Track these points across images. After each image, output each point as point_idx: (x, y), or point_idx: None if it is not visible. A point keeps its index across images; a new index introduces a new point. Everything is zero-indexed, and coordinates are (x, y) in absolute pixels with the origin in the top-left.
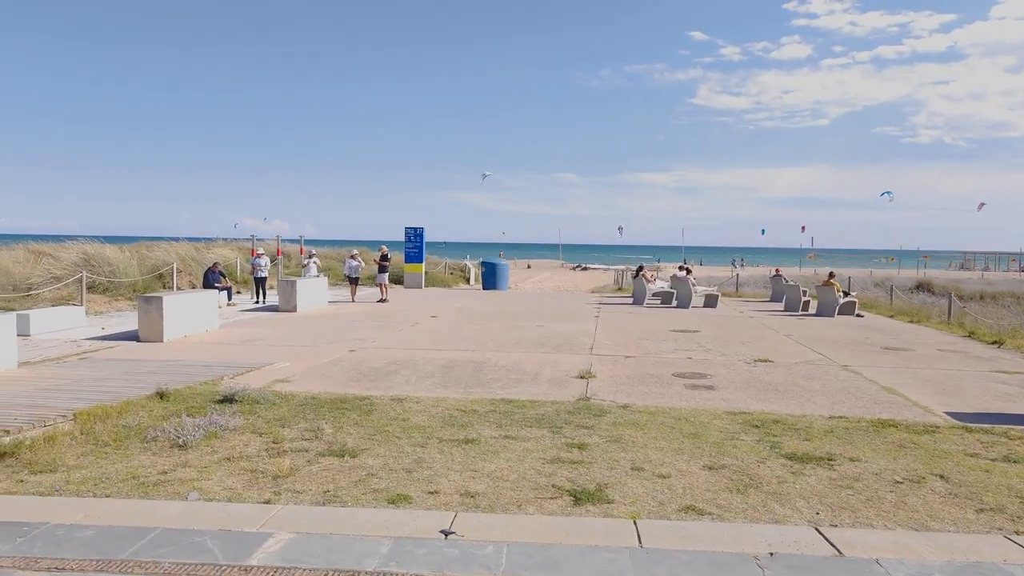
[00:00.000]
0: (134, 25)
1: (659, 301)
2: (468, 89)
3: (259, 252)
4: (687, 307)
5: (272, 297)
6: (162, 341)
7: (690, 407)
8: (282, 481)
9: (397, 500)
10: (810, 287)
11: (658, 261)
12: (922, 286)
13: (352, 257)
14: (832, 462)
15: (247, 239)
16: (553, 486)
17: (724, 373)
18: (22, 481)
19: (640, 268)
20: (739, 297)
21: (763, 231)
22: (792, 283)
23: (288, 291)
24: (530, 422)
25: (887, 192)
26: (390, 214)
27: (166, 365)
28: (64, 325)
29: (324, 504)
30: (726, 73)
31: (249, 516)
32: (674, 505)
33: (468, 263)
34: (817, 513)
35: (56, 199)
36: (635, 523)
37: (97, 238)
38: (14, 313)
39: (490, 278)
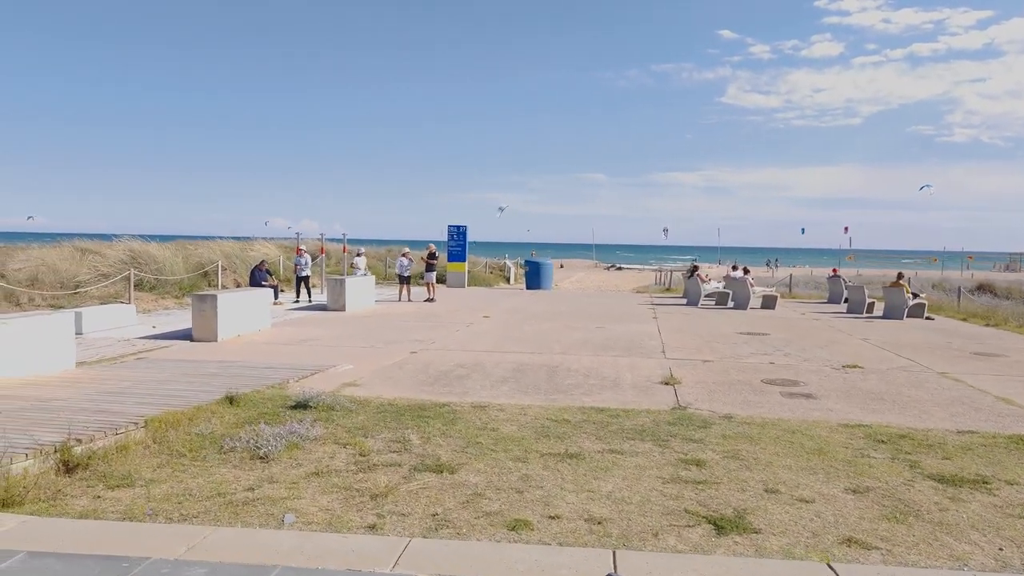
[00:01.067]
0: (171, 24)
1: (713, 302)
2: (495, 89)
3: (301, 249)
4: (745, 308)
5: (315, 296)
6: (216, 340)
7: (797, 418)
8: (382, 501)
9: (516, 526)
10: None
11: (694, 261)
12: (984, 287)
13: (403, 255)
14: (988, 485)
15: (288, 237)
16: (685, 511)
17: (817, 380)
18: (99, 497)
19: (695, 268)
20: (793, 298)
21: (803, 230)
22: (854, 284)
23: (337, 290)
24: (630, 434)
25: (927, 185)
26: (418, 214)
27: (226, 367)
28: (115, 323)
29: (435, 529)
30: (755, 72)
31: (376, 552)
32: (831, 537)
33: (508, 262)
34: (1000, 549)
35: (90, 200)
36: (830, 566)
37: (139, 237)
38: (72, 311)
39: (534, 278)
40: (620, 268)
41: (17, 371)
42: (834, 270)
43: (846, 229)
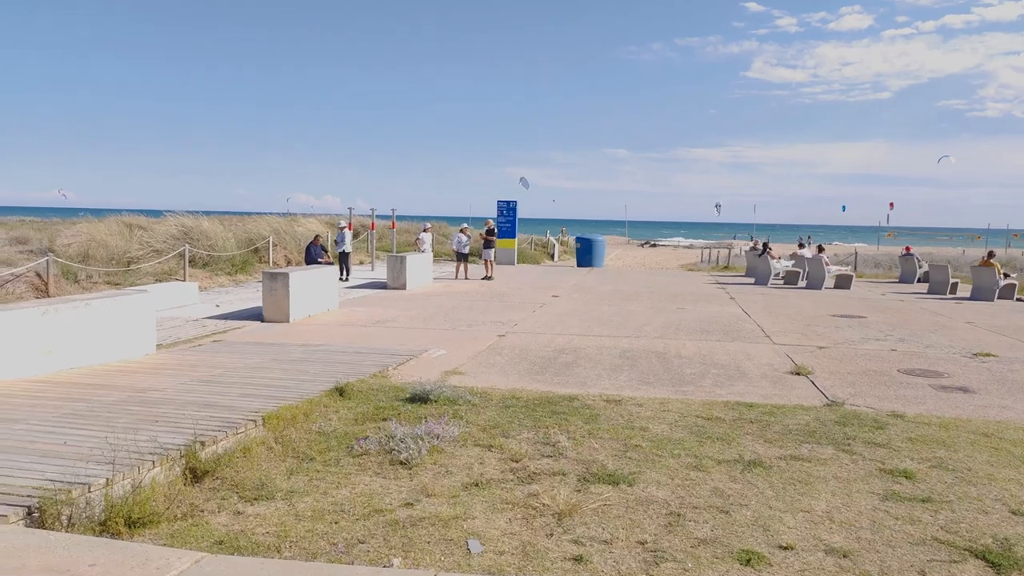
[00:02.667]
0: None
1: (783, 281)
2: (519, 66)
3: (342, 225)
4: (819, 288)
5: (357, 273)
6: (288, 321)
7: (978, 417)
8: (569, 523)
9: (750, 560)
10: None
11: (734, 238)
12: None
13: (462, 231)
14: None
15: (333, 213)
16: (936, 540)
17: (960, 371)
18: (240, 513)
19: (766, 245)
20: (860, 277)
21: (844, 208)
22: (937, 263)
23: (397, 268)
24: (799, 435)
25: (945, 156)
26: (443, 190)
27: (312, 351)
28: (178, 302)
29: (655, 563)
30: (782, 45)
31: None
32: None
33: (551, 239)
34: None
35: (114, 175)
36: None
37: (169, 212)
38: (148, 290)
39: (586, 255)
40: (655, 245)
41: (102, 356)
42: (907, 248)
43: (891, 205)
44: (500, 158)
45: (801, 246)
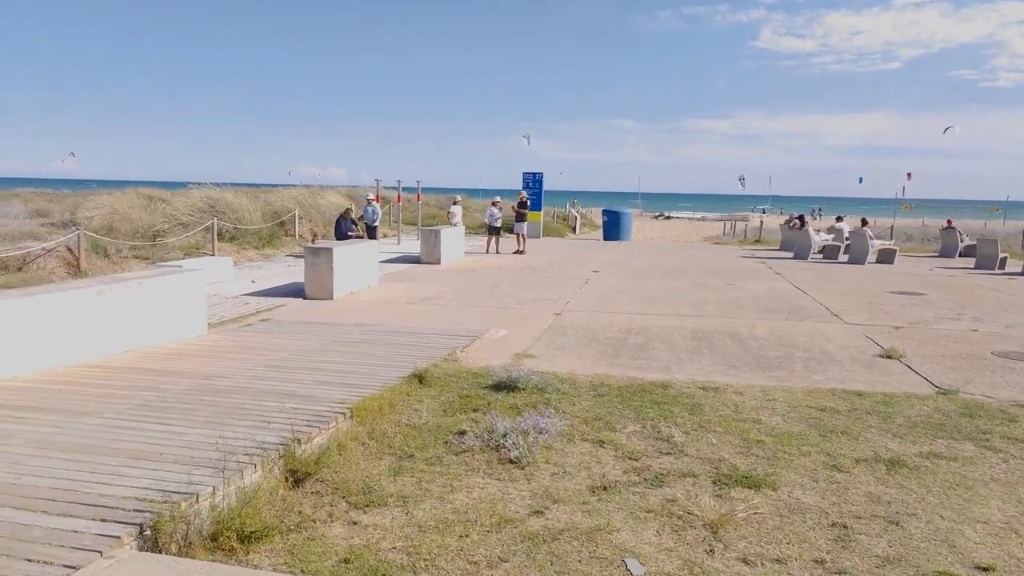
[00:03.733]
0: None
1: (822, 255)
2: (523, 35)
3: (370, 198)
4: (863, 263)
5: (384, 247)
6: (331, 299)
7: None
8: (725, 536)
9: None
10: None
11: (752, 211)
12: None
13: (494, 204)
14: None
15: (354, 186)
16: None
17: None
18: (356, 523)
19: (802, 218)
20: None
21: (860, 179)
22: (987, 237)
23: (432, 242)
24: (928, 429)
25: (950, 127)
26: (449, 163)
27: (369, 332)
28: (213, 278)
29: None
30: (791, 14)
31: None
32: None
33: (573, 211)
34: None
35: (116, 147)
36: None
37: (170, 184)
38: (184, 266)
39: (613, 228)
40: (668, 217)
41: (155, 338)
42: (948, 221)
43: (909, 175)
44: (505, 129)
45: (839, 219)
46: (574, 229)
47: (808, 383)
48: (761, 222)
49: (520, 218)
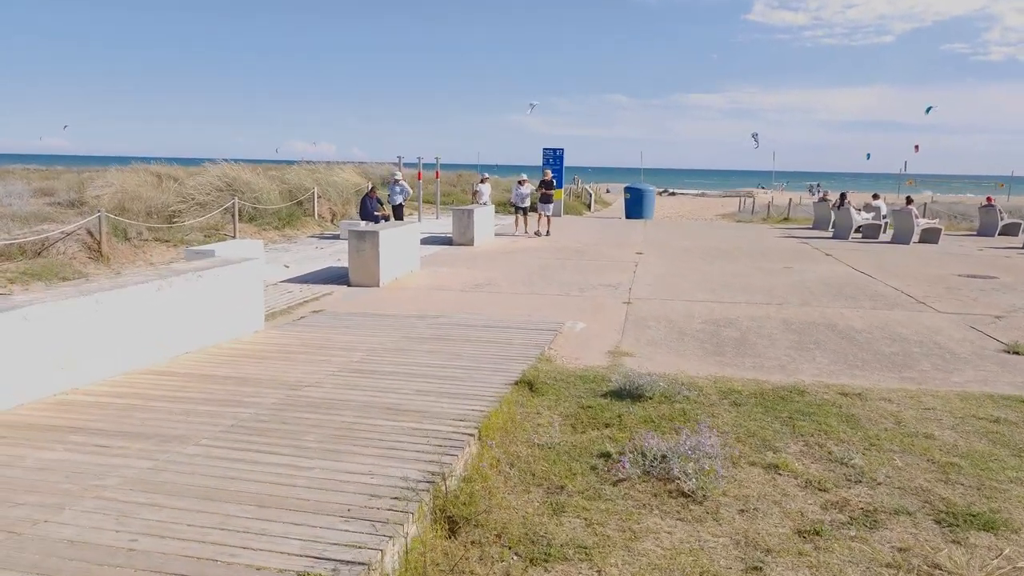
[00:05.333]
0: None
1: (861, 235)
2: (520, 10)
3: (397, 177)
4: (907, 243)
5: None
6: (378, 286)
7: None
8: None
9: None
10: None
11: (760, 187)
12: None
13: (521, 183)
14: None
15: (367, 163)
16: None
17: None
18: None
19: (843, 196)
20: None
21: (868, 156)
22: None
23: (465, 222)
24: None
25: (931, 107)
26: (444, 138)
27: (437, 325)
28: None
29: None
30: None
31: None
32: None
33: (586, 188)
34: None
35: (105, 122)
36: None
37: (161, 159)
38: (215, 250)
39: (636, 206)
40: (673, 194)
41: (214, 336)
42: (989, 199)
43: (916, 148)
44: (499, 105)
45: (876, 197)
46: (588, 206)
47: (951, 386)
48: (772, 198)
49: (546, 199)
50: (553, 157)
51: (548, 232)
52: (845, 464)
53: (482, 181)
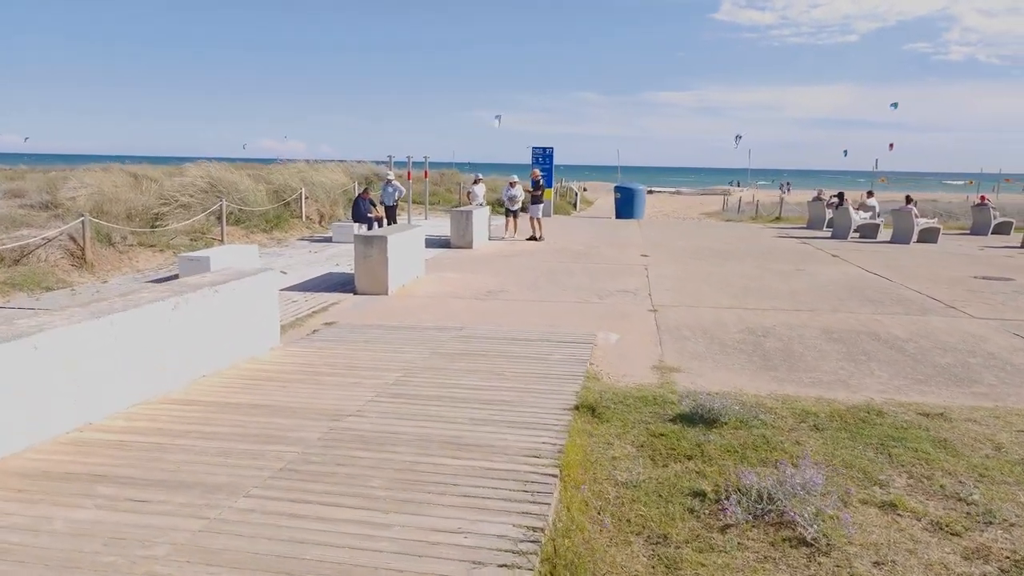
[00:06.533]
0: None
1: (860, 234)
2: (487, 9)
3: (390, 177)
4: (907, 243)
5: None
6: (386, 294)
7: None
8: None
9: None
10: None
11: (737, 184)
12: None
13: (512, 185)
14: None
15: (341, 160)
16: None
17: None
18: None
19: (842, 195)
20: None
21: (845, 153)
22: None
23: (463, 225)
24: None
25: (894, 104)
26: (415, 135)
27: (463, 339)
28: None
29: None
30: None
31: None
32: None
33: (572, 187)
34: None
35: (70, 120)
36: None
37: (131, 158)
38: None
39: (626, 205)
40: (651, 191)
41: (230, 356)
42: (982, 197)
43: (891, 146)
44: (470, 101)
45: (870, 195)
46: (574, 206)
47: (1018, 403)
48: (753, 196)
49: (536, 200)
50: (543, 156)
51: (541, 236)
52: (965, 501)
53: (475, 182)
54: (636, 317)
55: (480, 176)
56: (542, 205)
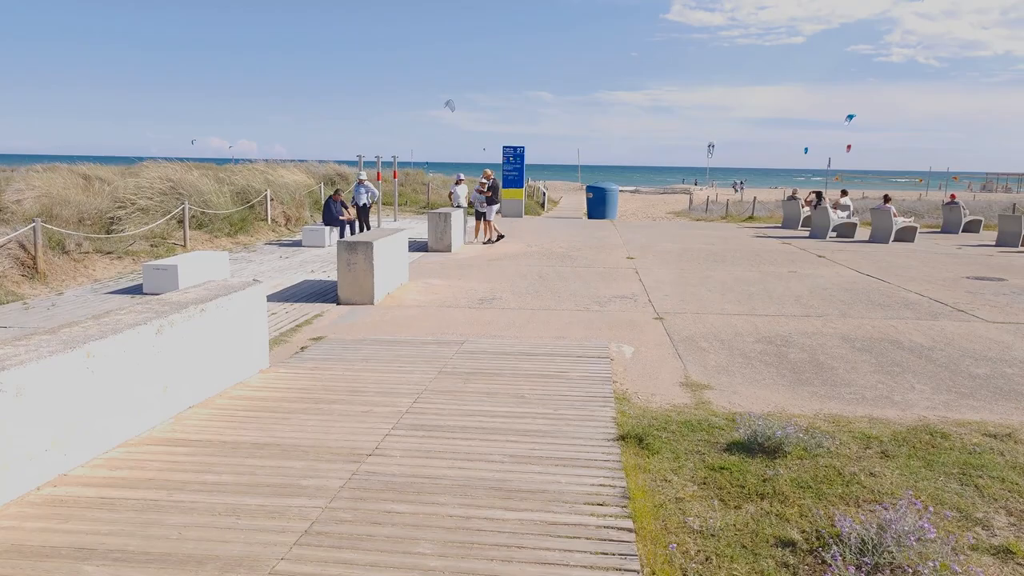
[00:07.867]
0: None
1: (837, 234)
2: (445, 8)
3: (362, 177)
4: (886, 242)
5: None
6: (372, 303)
7: None
8: None
9: None
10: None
11: (695, 183)
12: None
13: (479, 190)
14: None
15: (302, 160)
16: None
17: None
18: None
19: (820, 195)
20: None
21: (806, 150)
22: (1011, 214)
23: (441, 227)
24: None
25: (850, 116)
26: (371, 135)
27: (469, 354)
28: (210, 277)
29: None
30: None
31: None
32: None
33: (542, 187)
34: None
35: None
36: None
37: (80, 158)
38: (177, 264)
39: (599, 206)
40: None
41: (217, 383)
42: (952, 196)
43: (848, 147)
44: (423, 101)
45: (844, 194)
46: (542, 206)
47: None
48: (717, 195)
49: (491, 201)
50: (513, 155)
51: (497, 238)
52: None
53: (457, 182)
54: (644, 326)
55: (463, 176)
56: (496, 206)
